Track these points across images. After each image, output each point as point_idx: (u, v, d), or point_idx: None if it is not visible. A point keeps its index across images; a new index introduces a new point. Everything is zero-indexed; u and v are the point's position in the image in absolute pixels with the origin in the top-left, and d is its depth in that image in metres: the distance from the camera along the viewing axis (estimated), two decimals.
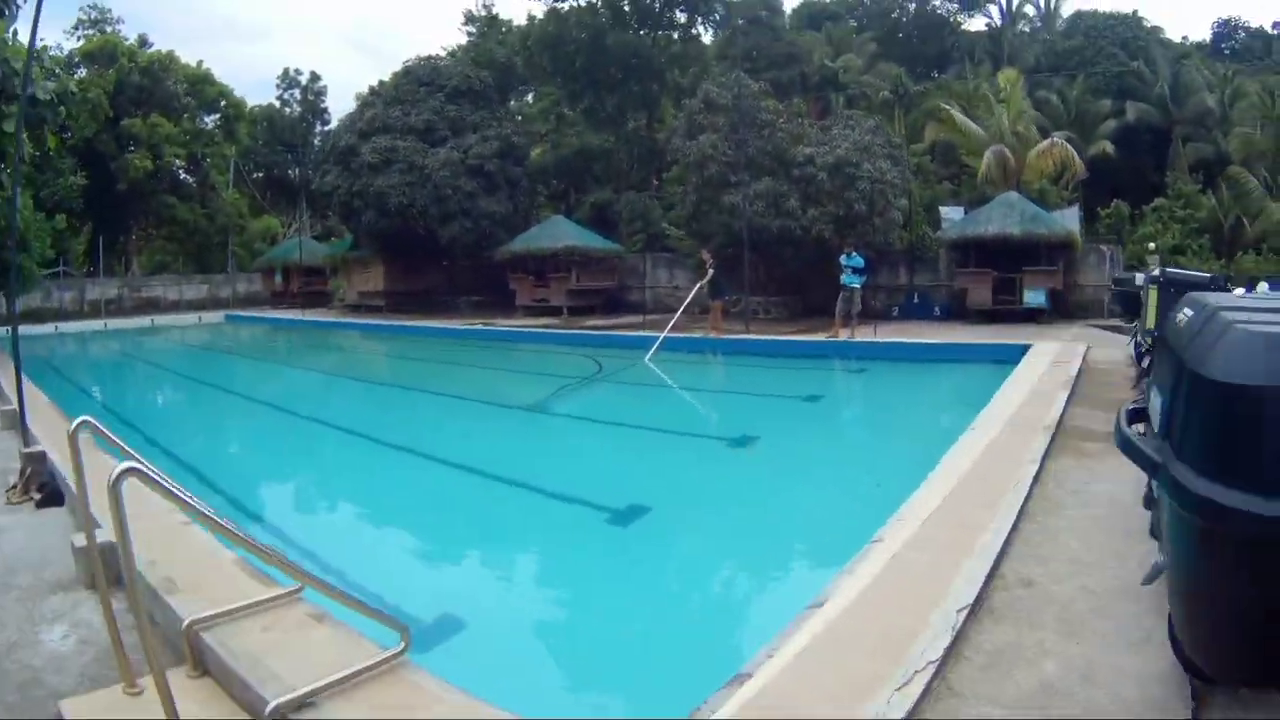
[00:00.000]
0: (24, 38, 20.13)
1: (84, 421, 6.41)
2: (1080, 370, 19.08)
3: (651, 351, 26.91)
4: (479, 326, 37.50)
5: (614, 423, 18.54)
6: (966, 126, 44.51)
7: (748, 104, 34.58)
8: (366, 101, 48.11)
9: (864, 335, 27.45)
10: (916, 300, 36.43)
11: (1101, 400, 15.64)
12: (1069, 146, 41.60)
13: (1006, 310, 32.60)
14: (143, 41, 61.30)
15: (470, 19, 62.03)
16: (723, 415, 20.28)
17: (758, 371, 25.89)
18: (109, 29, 60.94)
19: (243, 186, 68.65)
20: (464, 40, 62.32)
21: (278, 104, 73.00)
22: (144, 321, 48.87)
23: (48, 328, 44.11)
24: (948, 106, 47.31)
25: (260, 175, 74.44)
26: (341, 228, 54.00)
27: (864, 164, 32.69)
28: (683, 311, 30.44)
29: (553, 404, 20.96)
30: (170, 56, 58.45)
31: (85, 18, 61.21)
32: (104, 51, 55.60)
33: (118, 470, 4.60)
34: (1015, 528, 8.27)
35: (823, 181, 32.72)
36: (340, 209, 46.85)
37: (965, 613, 6.27)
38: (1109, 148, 48.90)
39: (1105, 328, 29.98)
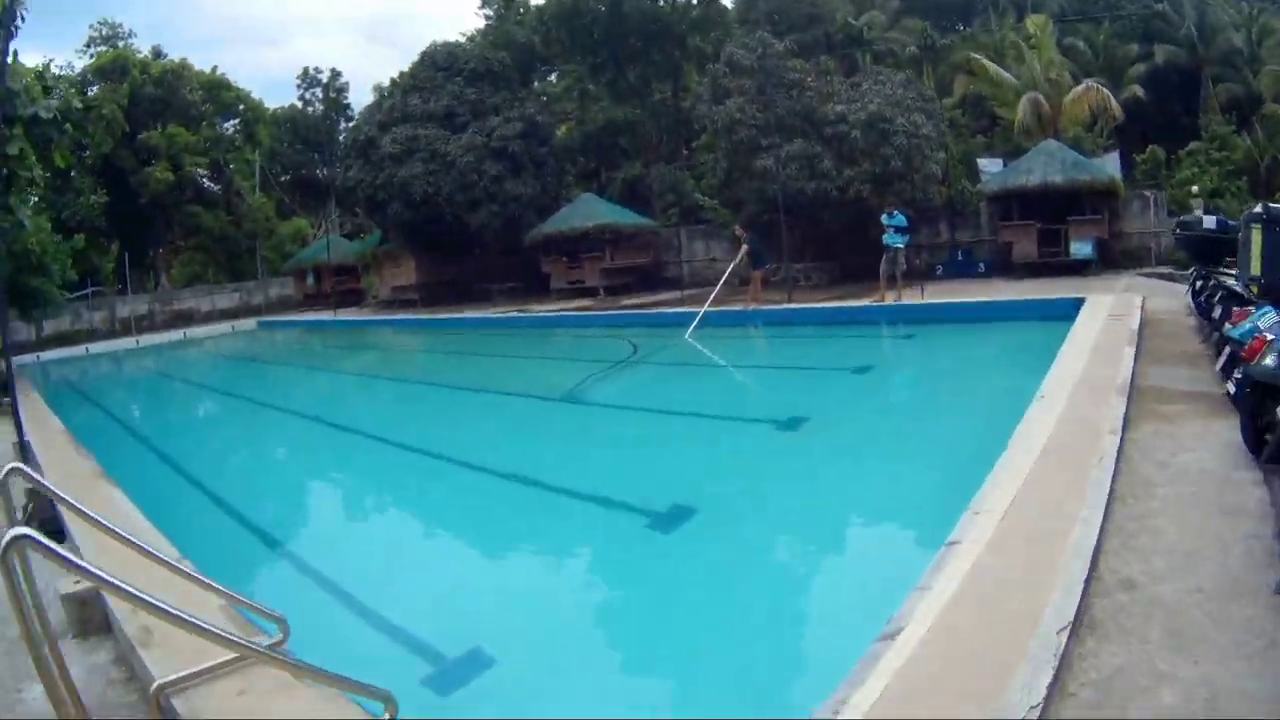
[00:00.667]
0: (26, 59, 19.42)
1: (13, 469, 5.93)
2: (1141, 323, 18.01)
3: (692, 328, 26.06)
4: (514, 314, 36.49)
5: (653, 409, 17.40)
6: (999, 76, 43.34)
7: (773, 64, 33.51)
8: (385, 92, 47.20)
9: (910, 297, 26.40)
10: (960, 257, 35.22)
11: (1170, 355, 14.75)
12: (1104, 90, 40.34)
13: (1053, 263, 31.41)
14: (156, 53, 60.76)
15: (486, 1, 60.85)
16: (768, 394, 19.23)
17: (803, 343, 24.93)
18: (120, 44, 60.04)
19: (270, 190, 68.00)
20: (482, 24, 61.20)
21: (300, 104, 71.81)
22: (176, 335, 48.02)
23: (79, 350, 44.05)
24: (978, 57, 46.03)
25: (287, 177, 73.47)
26: (370, 223, 53.17)
27: (898, 119, 31.44)
28: (723, 284, 29.43)
29: (589, 392, 19.91)
30: (183, 65, 57.90)
31: (97, 34, 60.16)
32: (115, 66, 54.85)
33: (7, 539, 4.03)
34: (1107, 514, 7.31)
35: (856, 139, 31.51)
36: (365, 203, 46.12)
37: (1066, 632, 5.27)
38: (1140, 91, 47.89)
39: (1155, 275, 29.09)
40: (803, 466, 12.62)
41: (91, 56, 57.44)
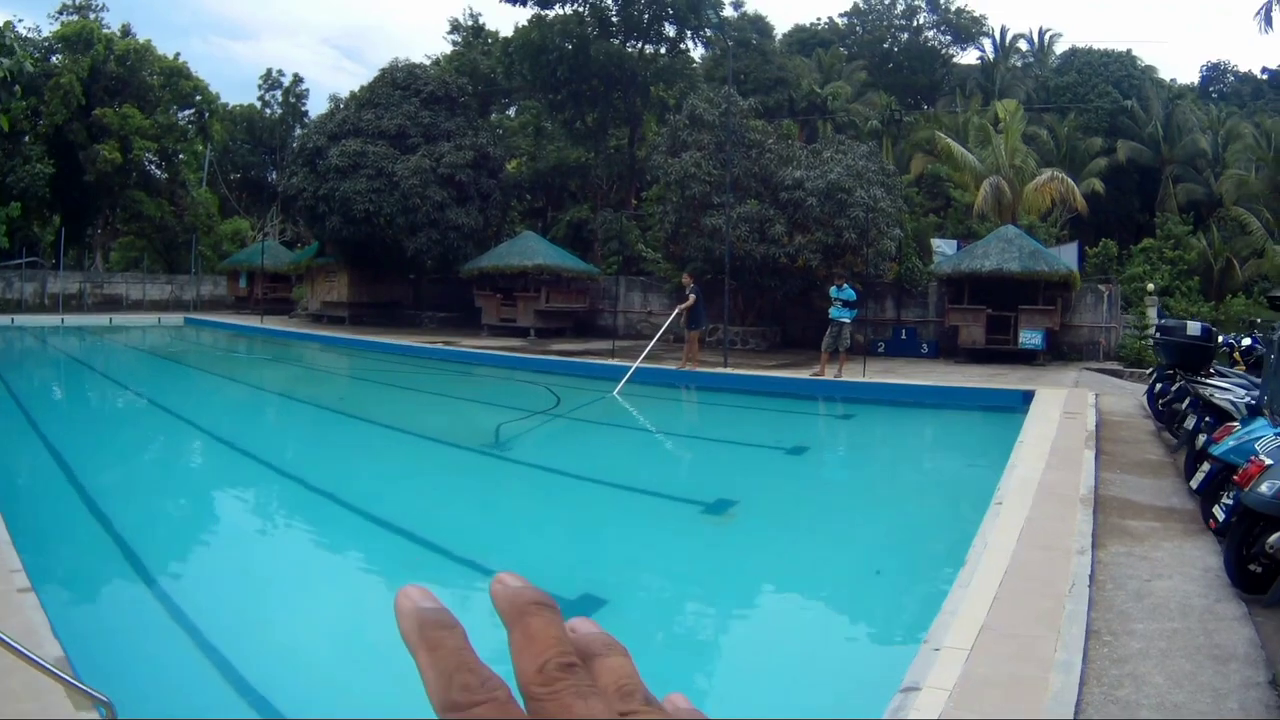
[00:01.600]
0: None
1: None
2: (1097, 423, 17.27)
3: (620, 384, 24.79)
4: (439, 346, 35.26)
5: (569, 473, 16.07)
6: (963, 157, 42.71)
7: (736, 121, 32.60)
8: (340, 103, 45.87)
9: (850, 374, 25.40)
10: (904, 336, 34.46)
11: (1132, 463, 13.95)
12: (1069, 180, 39.83)
13: (1000, 350, 30.75)
14: (125, 31, 58.81)
15: (456, 27, 59.74)
16: (695, 469, 17.82)
17: (736, 413, 23.69)
18: (92, 15, 58.20)
19: (216, 186, 66.48)
20: (449, 50, 60.13)
21: (259, 104, 71.39)
22: (102, 320, 47.19)
23: (4, 319, 43.58)
24: (944, 136, 45.54)
25: (238, 176, 72.53)
26: (309, 235, 51.74)
27: (857, 190, 30.66)
28: (658, 340, 28.40)
29: (502, 444, 18.33)
30: (147, 46, 56.35)
31: (69, 3, 58.39)
32: (80, 37, 53.49)
33: None
34: (1085, 655, 6.25)
35: (812, 207, 30.70)
36: (305, 213, 44.76)
37: None
38: (1099, 185, 47.71)
39: (1104, 371, 28.68)
40: (727, 562, 11.20)
41: (60, 25, 55.98)
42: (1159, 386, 17.50)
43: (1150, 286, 35.33)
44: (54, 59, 52.79)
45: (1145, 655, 6.38)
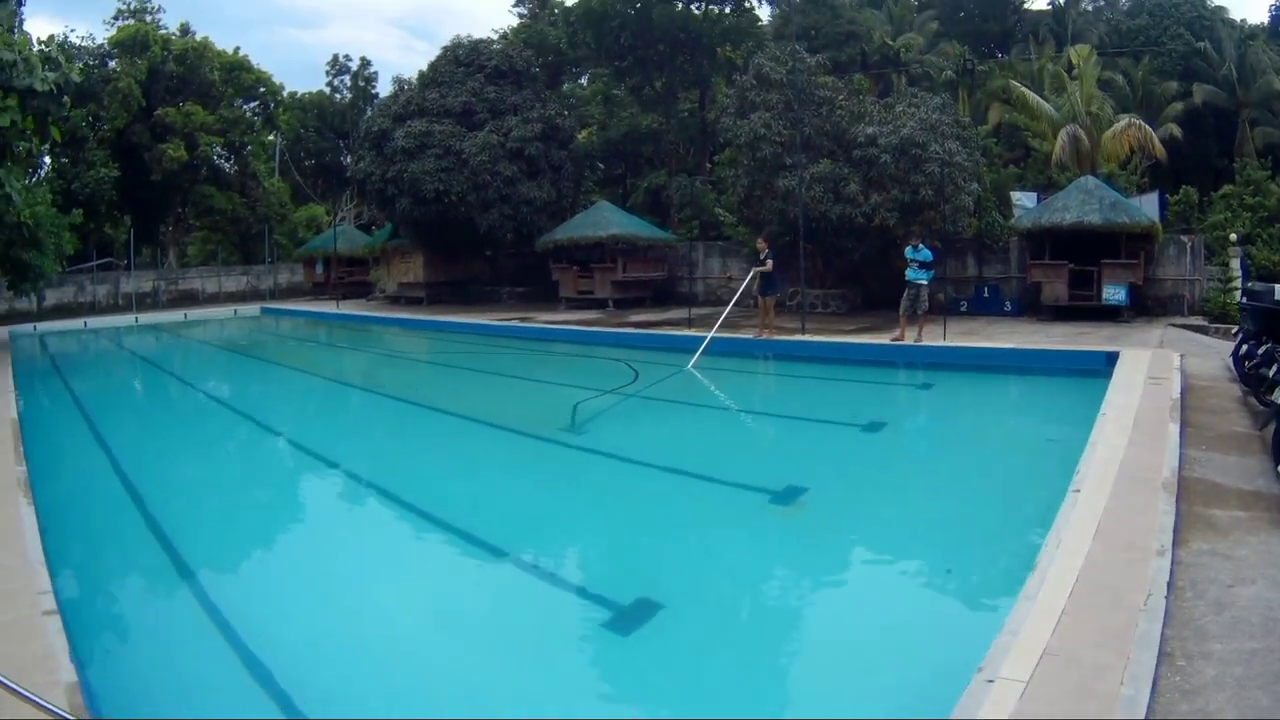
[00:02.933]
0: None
1: None
2: (1182, 389, 16.50)
3: (695, 358, 24.29)
4: (513, 323, 34.98)
5: (635, 460, 15.49)
6: (1038, 106, 41.70)
7: (803, 79, 31.91)
8: (402, 84, 45.59)
9: (931, 337, 24.76)
10: (986, 294, 33.66)
11: (1218, 437, 13.17)
12: (1146, 126, 38.71)
13: (1083, 306, 29.76)
14: (184, 29, 59.59)
15: (520, 0, 59.43)
16: (766, 451, 17.25)
17: (811, 384, 23.19)
18: (149, 18, 58.68)
19: (289, 174, 66.85)
20: (516, 23, 59.66)
21: (328, 90, 71.23)
22: (177, 315, 47.03)
23: (78, 323, 43.50)
24: (1019, 84, 44.47)
25: (311, 163, 72.60)
26: (383, 217, 51.57)
27: (932, 144, 29.80)
28: (734, 305, 28.18)
29: (567, 430, 17.46)
30: (204, 44, 56.34)
31: (125, 7, 58.80)
32: (135, 40, 53.64)
33: None
34: (1154, 688, 5.73)
35: (886, 164, 29.91)
36: (375, 196, 44.54)
37: None
38: (1176, 131, 46.22)
39: (1188, 327, 27.69)
40: (792, 557, 10.75)
41: (116, 30, 56.12)
42: (1244, 348, 16.60)
43: (1232, 236, 34.15)
44: (110, 64, 52.92)
45: (1219, 685, 5.82)
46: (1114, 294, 29.16)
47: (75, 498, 13.41)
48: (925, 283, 24.39)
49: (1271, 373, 13.93)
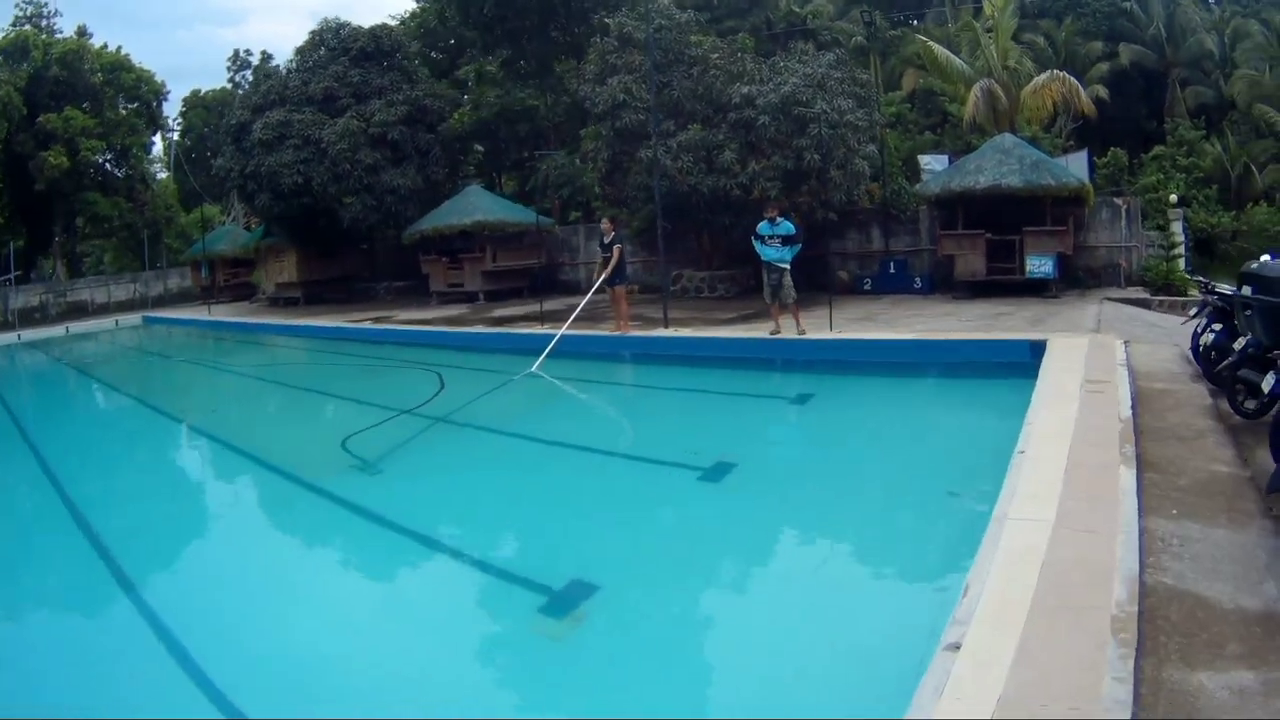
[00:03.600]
0: None
1: None
2: (1133, 399, 10.99)
3: (539, 360, 19.09)
4: (365, 325, 29.55)
5: (382, 521, 10.79)
6: (949, 63, 35.79)
7: (671, 37, 26.05)
8: (266, 73, 39.39)
9: (810, 327, 18.90)
10: (893, 270, 27.74)
11: (1193, 485, 8.07)
12: (1072, 79, 32.98)
13: (1004, 281, 24.09)
14: (80, 32, 53.80)
15: None
16: (553, 518, 11.01)
17: (658, 399, 17.79)
18: (44, 23, 53.59)
19: (184, 176, 60.94)
20: (414, 7, 53.27)
21: (230, 86, 65.30)
22: (59, 330, 42.09)
23: None
24: (925, 39, 38.76)
25: (213, 162, 66.72)
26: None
27: (818, 102, 23.89)
28: (585, 302, 22.50)
29: (332, 469, 13.12)
30: (83, 44, 50.55)
31: (21, 14, 53.42)
32: (16, 46, 48.41)
33: None
34: None
35: (765, 127, 24.08)
36: (238, 193, 39.58)
37: None
38: (1103, 92, 40.89)
39: (1128, 301, 22.30)
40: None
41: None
42: (1210, 337, 11.56)
43: (1172, 198, 29.17)
44: None
45: None
46: (1039, 265, 23.31)
47: None
48: (788, 265, 18.58)
49: (1270, 385, 8.41)
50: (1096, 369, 12.63)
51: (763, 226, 18.76)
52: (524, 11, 34.10)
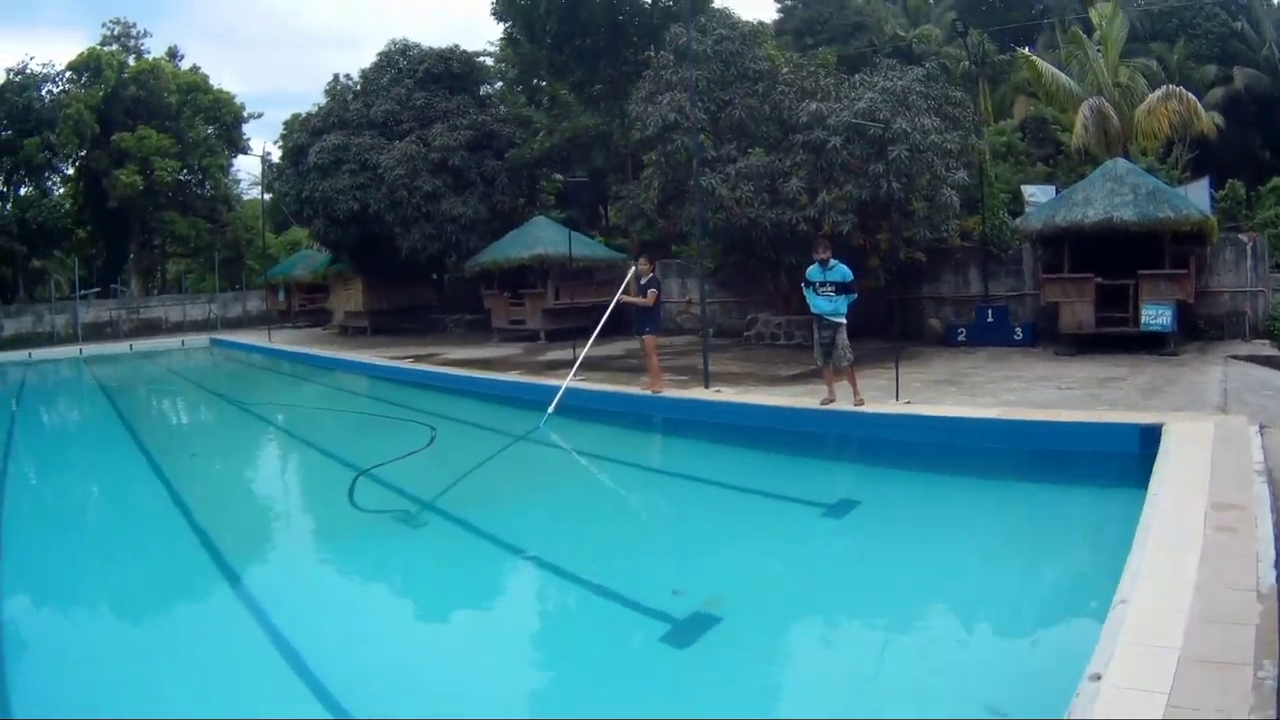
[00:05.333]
0: None
1: None
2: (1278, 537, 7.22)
3: (544, 418, 16.64)
4: (404, 364, 26.42)
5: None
6: (1055, 81, 31.54)
7: (733, 48, 22.44)
8: (333, 94, 36.52)
9: (879, 391, 15.20)
10: (991, 318, 23.21)
11: None
12: (1190, 96, 28.66)
13: (1115, 334, 19.87)
14: (172, 54, 53.95)
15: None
16: (491, 662, 7.88)
17: (667, 490, 13.99)
18: (131, 43, 53.00)
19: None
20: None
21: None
22: (123, 347, 40.80)
23: (22, 354, 38.97)
24: (1030, 55, 34.64)
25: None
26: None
27: (897, 120, 19.98)
28: (590, 345, 19.55)
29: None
30: (157, 65, 49.44)
31: (109, 33, 52.67)
32: (88, 65, 47.04)
33: None
34: None
35: (835, 150, 20.26)
36: (295, 218, 36.89)
37: None
38: (1218, 119, 36.02)
39: (1255, 359, 18.08)
40: None
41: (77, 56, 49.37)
42: None
43: None
44: (58, 89, 47.11)
45: None
46: (1156, 316, 19.08)
47: None
48: (843, 319, 14.78)
49: None
50: (1226, 482, 8.82)
51: (813, 271, 14.91)
52: (591, 29, 30.58)
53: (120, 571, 10.85)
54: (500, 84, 41.43)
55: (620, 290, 18.29)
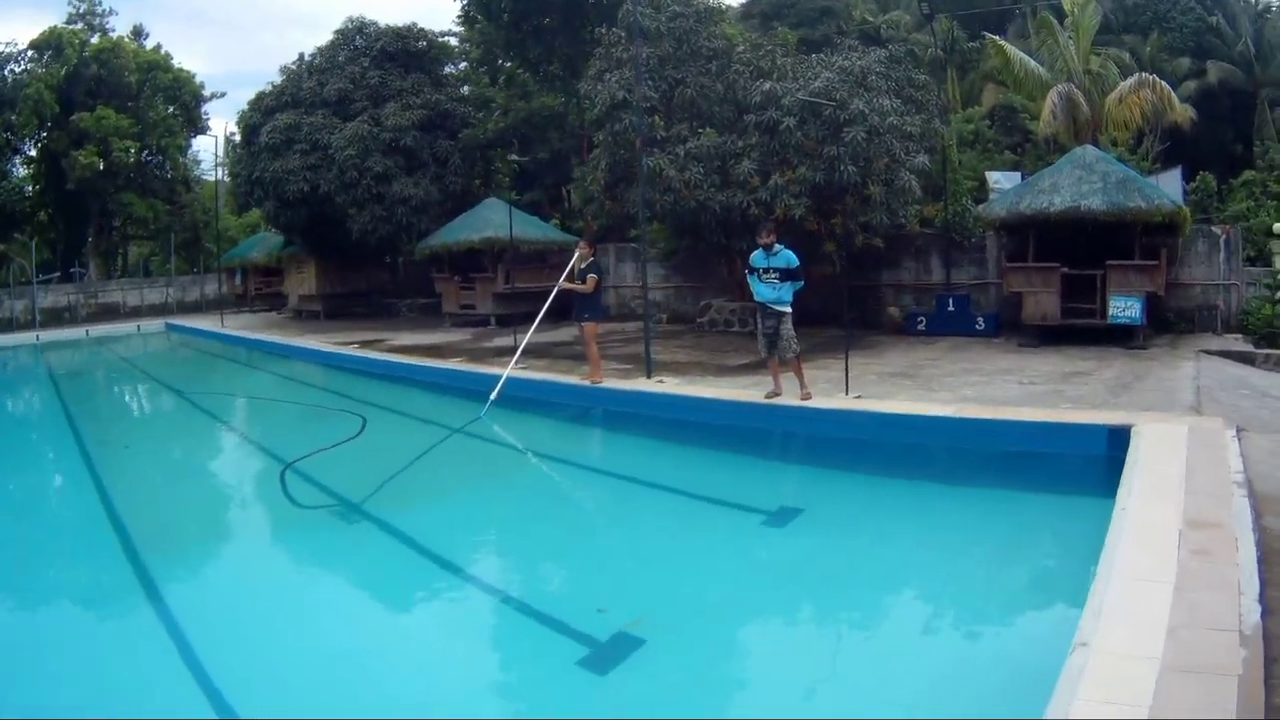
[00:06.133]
0: None
1: None
2: (1260, 558, 6.49)
3: (485, 407, 15.62)
4: (349, 350, 25.23)
5: None
6: (1024, 68, 30.45)
7: (688, 26, 21.22)
8: (287, 73, 35.07)
9: (829, 385, 14.19)
10: (952, 307, 22.19)
11: None
12: (1163, 84, 27.68)
13: (1080, 326, 18.85)
14: (137, 33, 51.98)
15: None
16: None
17: (600, 490, 12.85)
18: (96, 21, 50.60)
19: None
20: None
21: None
22: (79, 333, 39.14)
23: None
24: (996, 39, 33.50)
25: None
26: None
27: (854, 101, 18.83)
28: (530, 336, 18.41)
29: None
30: (118, 43, 47.67)
31: (74, 11, 50.53)
32: (49, 44, 45.57)
33: None
34: None
35: (789, 131, 19.02)
36: (245, 199, 36.48)
37: None
38: (1190, 112, 35.02)
39: (1228, 355, 17.17)
40: None
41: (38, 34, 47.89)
42: None
43: (1277, 226, 23.58)
44: (19, 68, 45.98)
45: None
46: (1124, 309, 18.05)
47: None
48: (788, 308, 13.63)
49: None
50: (1201, 494, 7.76)
51: (756, 257, 13.75)
52: (547, 7, 29.29)
53: (27, 562, 10.16)
54: (464, 64, 39.92)
55: (563, 276, 17.05)
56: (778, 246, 13.52)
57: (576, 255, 16.74)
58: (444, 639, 7.83)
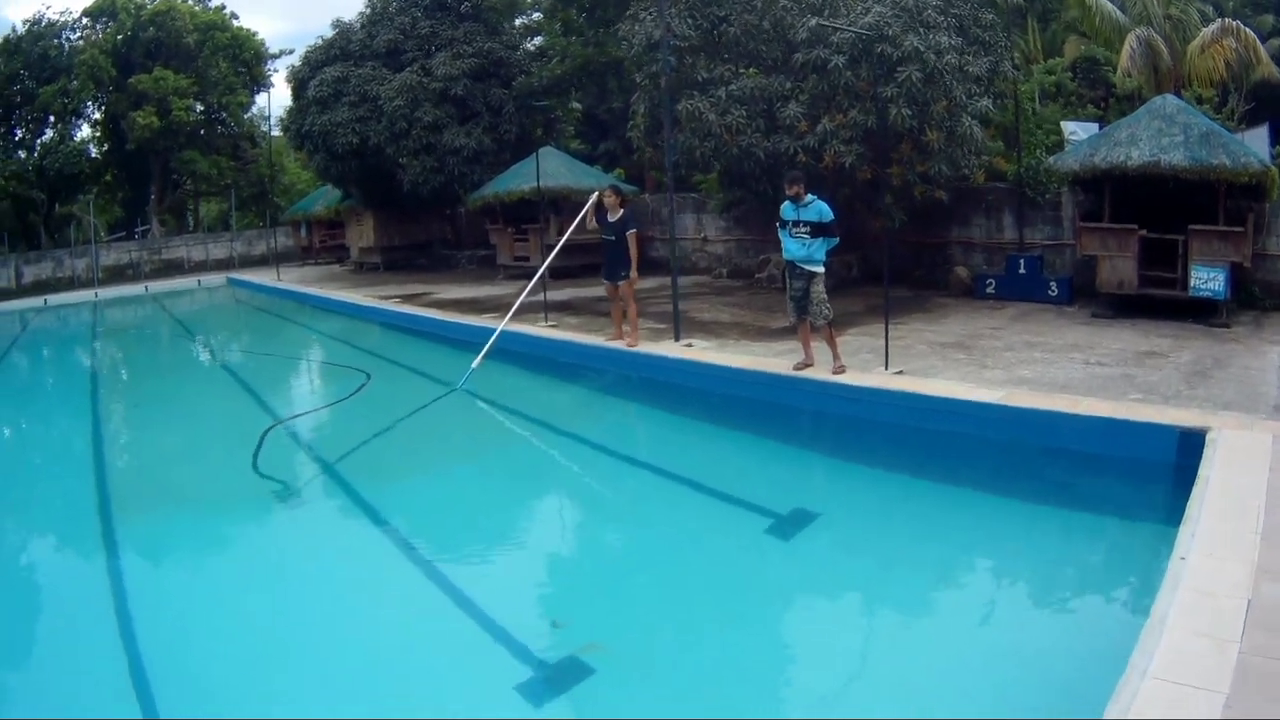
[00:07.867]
0: None
1: None
2: None
3: (471, 370, 14.03)
4: (388, 304, 24.16)
5: None
6: (1100, 10, 27.78)
7: None
8: (340, 27, 33.54)
9: (861, 360, 12.30)
10: (1023, 269, 19.49)
11: None
12: (1249, 32, 25.03)
13: (1160, 297, 16.33)
14: None
15: None
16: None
17: (597, 472, 11.08)
18: None
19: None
20: None
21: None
22: (139, 289, 38.56)
23: (37, 301, 36.47)
24: None
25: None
26: None
27: (908, 37, 16.67)
28: (533, 285, 17.17)
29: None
30: (172, 4, 46.76)
31: None
32: (104, 10, 45.93)
33: None
34: None
35: (838, 70, 16.91)
36: (296, 153, 36.14)
37: None
38: (1274, 70, 32.10)
39: None
40: None
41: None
42: None
43: None
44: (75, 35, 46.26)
45: None
46: (1208, 280, 15.50)
47: None
48: (820, 268, 11.69)
49: None
50: None
51: (786, 208, 11.86)
52: None
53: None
54: (538, 14, 37.96)
55: (571, 226, 15.28)
56: (809, 197, 11.59)
57: (591, 203, 14.85)
58: (380, 647, 6.48)
